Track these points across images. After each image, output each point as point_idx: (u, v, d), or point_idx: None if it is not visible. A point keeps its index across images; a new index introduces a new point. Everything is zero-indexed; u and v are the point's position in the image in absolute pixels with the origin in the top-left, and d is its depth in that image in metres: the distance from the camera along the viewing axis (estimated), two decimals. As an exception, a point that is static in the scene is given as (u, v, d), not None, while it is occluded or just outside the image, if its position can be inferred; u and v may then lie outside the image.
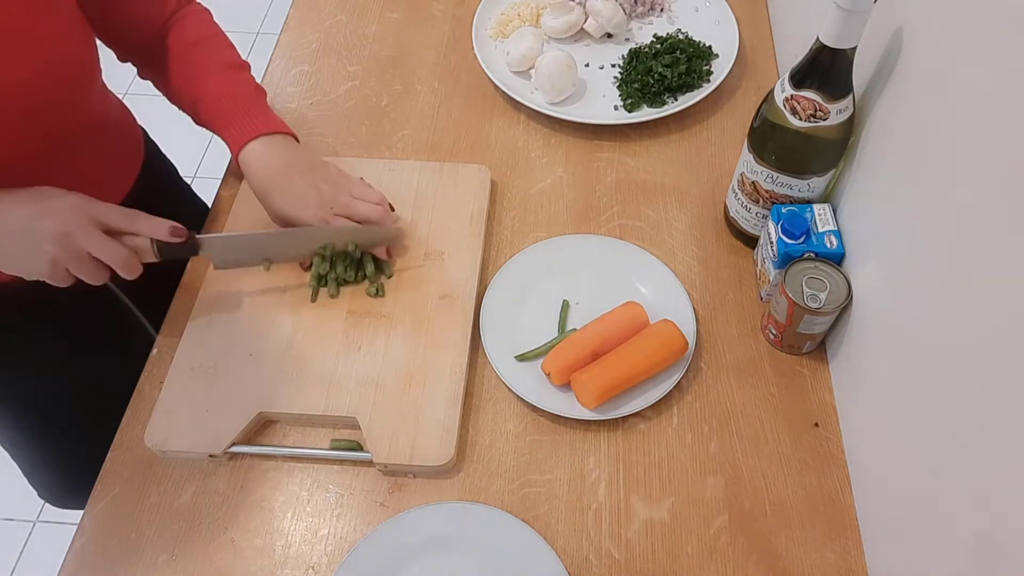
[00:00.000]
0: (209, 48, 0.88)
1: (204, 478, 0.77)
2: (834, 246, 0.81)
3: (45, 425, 0.98)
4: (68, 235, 0.69)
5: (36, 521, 1.68)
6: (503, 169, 1.01)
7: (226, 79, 0.87)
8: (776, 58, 1.13)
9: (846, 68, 0.74)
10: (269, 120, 0.85)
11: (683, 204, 0.97)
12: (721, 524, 0.75)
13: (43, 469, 1.06)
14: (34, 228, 0.68)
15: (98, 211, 0.71)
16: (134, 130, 0.95)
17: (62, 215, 0.69)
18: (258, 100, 0.87)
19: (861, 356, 0.77)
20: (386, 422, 0.78)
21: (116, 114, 0.91)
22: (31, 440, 1.01)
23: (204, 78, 0.86)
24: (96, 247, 0.70)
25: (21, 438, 1.01)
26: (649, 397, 0.80)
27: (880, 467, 0.72)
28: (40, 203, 0.69)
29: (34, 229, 0.68)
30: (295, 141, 0.87)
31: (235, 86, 0.86)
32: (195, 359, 0.82)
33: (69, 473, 1.04)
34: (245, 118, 0.84)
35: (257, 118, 0.85)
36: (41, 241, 0.68)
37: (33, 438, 1.00)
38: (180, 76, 0.87)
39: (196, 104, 0.86)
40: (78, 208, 0.70)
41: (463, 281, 0.88)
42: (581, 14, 1.12)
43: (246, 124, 0.84)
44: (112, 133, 0.90)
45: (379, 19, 1.20)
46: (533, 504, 0.76)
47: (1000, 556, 0.53)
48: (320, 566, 0.72)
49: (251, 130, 0.83)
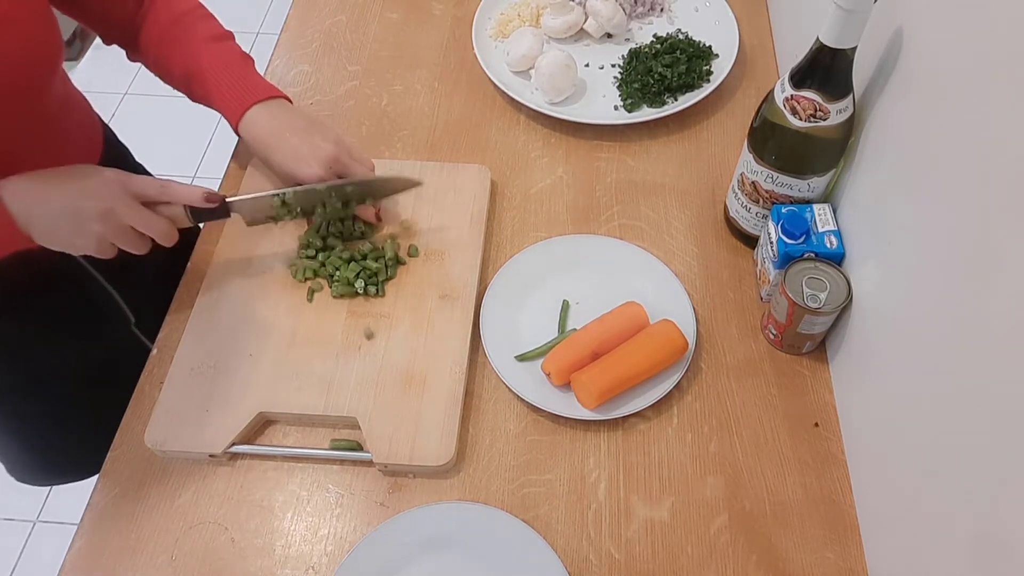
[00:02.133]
0: (191, 23, 0.89)
1: (204, 478, 0.77)
2: (834, 246, 0.81)
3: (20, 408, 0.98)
4: (111, 212, 0.72)
5: (36, 521, 1.68)
6: (503, 169, 1.01)
7: (213, 52, 0.88)
8: (776, 58, 1.13)
9: (846, 68, 0.74)
10: (261, 87, 0.87)
11: (683, 204, 0.97)
12: (721, 524, 0.75)
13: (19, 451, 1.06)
14: (79, 208, 0.71)
15: (135, 185, 0.74)
16: (92, 117, 0.96)
17: (103, 193, 0.72)
18: (247, 68, 0.89)
19: (861, 356, 0.77)
20: (386, 422, 0.78)
21: (76, 100, 0.92)
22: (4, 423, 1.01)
23: (192, 55, 0.87)
24: (138, 220, 0.74)
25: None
26: (649, 397, 0.80)
27: (880, 467, 0.72)
28: (80, 182, 0.72)
29: (79, 209, 0.71)
30: (289, 103, 0.89)
31: (223, 58, 0.88)
32: (195, 359, 0.82)
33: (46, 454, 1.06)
34: (238, 89, 0.86)
35: (250, 87, 0.86)
36: (86, 221, 0.71)
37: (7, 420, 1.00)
38: (167, 55, 0.88)
39: (188, 81, 0.88)
40: (117, 185, 0.73)
41: (463, 281, 0.88)
42: (581, 14, 1.12)
43: (240, 95, 0.85)
44: (74, 118, 0.90)
45: (379, 19, 1.20)
46: (533, 504, 0.76)
47: (1000, 556, 0.53)
48: (320, 566, 0.72)
49: (246, 99, 0.85)
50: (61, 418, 1.00)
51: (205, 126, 2.09)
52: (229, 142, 1.00)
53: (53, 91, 0.82)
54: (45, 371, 0.94)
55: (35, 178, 0.72)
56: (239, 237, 0.91)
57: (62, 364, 0.95)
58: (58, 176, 0.73)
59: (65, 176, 0.73)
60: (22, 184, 0.71)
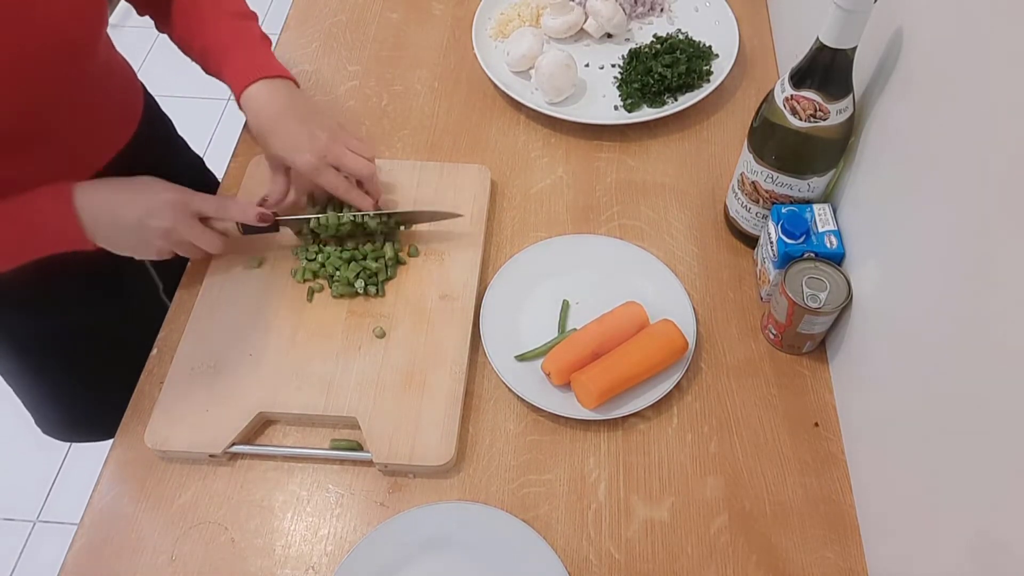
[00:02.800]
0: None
1: (204, 478, 0.77)
2: (834, 246, 0.81)
3: (46, 361, 1.02)
4: (173, 230, 0.79)
5: (36, 521, 1.68)
6: (503, 169, 1.01)
7: (233, 27, 0.89)
8: (776, 58, 1.13)
9: (846, 68, 0.74)
10: (271, 64, 0.88)
11: (683, 204, 0.97)
12: (721, 524, 0.75)
13: (45, 404, 1.11)
14: (145, 226, 0.78)
15: (195, 204, 0.81)
16: (134, 83, 0.98)
17: (167, 213, 0.79)
18: (262, 47, 0.90)
19: (861, 356, 0.77)
20: (386, 422, 0.78)
21: (119, 65, 0.94)
22: (32, 377, 1.05)
23: (211, 26, 0.89)
24: (196, 238, 0.82)
25: (23, 374, 1.05)
26: (649, 397, 0.80)
27: (880, 467, 0.72)
28: (148, 200, 0.79)
29: (145, 227, 0.78)
30: (296, 86, 0.89)
31: (241, 35, 0.89)
32: (195, 359, 0.82)
33: (68, 409, 1.10)
34: (248, 61, 0.87)
35: (259, 63, 0.87)
36: (151, 237, 0.79)
37: (34, 375, 1.04)
38: (188, 25, 0.90)
39: (204, 52, 0.89)
40: (180, 204, 0.80)
41: (463, 281, 0.88)
42: (581, 14, 1.12)
43: (249, 67, 0.87)
44: (116, 83, 0.92)
45: (379, 19, 1.20)
46: (533, 504, 0.76)
47: (999, 556, 0.53)
48: (320, 566, 0.72)
49: (253, 72, 0.86)
50: (82, 374, 1.03)
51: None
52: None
53: (97, 54, 0.84)
54: (70, 326, 0.97)
55: (107, 191, 0.78)
56: (239, 237, 0.91)
57: (86, 320, 0.97)
58: (127, 191, 0.79)
59: (133, 192, 0.79)
60: (95, 195, 0.77)
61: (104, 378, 0.94)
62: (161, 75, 0.96)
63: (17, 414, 1.11)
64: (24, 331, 0.97)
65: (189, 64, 0.91)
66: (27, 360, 1.02)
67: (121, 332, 0.95)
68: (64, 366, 1.02)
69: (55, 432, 1.15)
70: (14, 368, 1.04)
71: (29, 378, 1.05)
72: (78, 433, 1.17)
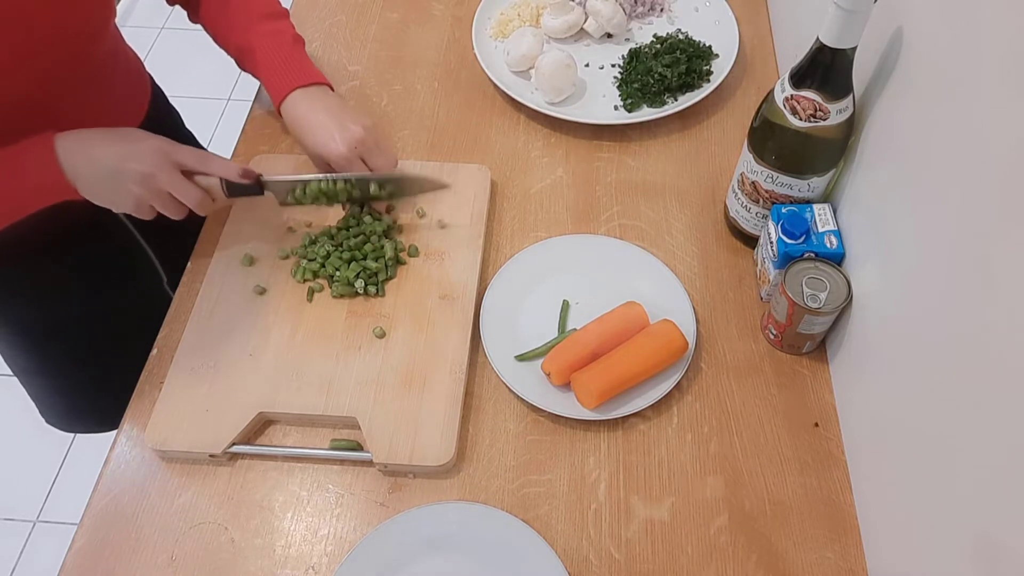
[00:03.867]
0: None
1: (204, 478, 0.77)
2: (834, 246, 0.81)
3: (51, 350, 1.02)
4: (151, 176, 0.76)
5: (36, 521, 1.68)
6: (503, 169, 1.01)
7: (266, 31, 0.91)
8: (776, 58, 1.13)
9: (846, 68, 0.74)
10: (306, 71, 0.90)
11: (683, 204, 0.97)
12: (721, 524, 0.75)
13: (49, 393, 1.11)
14: (122, 169, 0.75)
15: (177, 154, 0.78)
16: (142, 74, 0.99)
17: (146, 158, 0.76)
18: (296, 51, 0.92)
19: (861, 356, 0.77)
20: (386, 422, 0.78)
21: (126, 56, 0.95)
22: (37, 365, 1.06)
23: (246, 30, 0.91)
24: (176, 188, 0.78)
25: (27, 363, 1.06)
26: (649, 397, 0.80)
27: (880, 467, 0.72)
28: (127, 145, 0.76)
29: (122, 170, 0.75)
30: (331, 90, 0.92)
31: (275, 39, 0.91)
32: (195, 359, 0.82)
33: (72, 398, 1.11)
34: (284, 71, 0.89)
35: (295, 70, 0.90)
36: (127, 181, 0.76)
37: (38, 363, 1.05)
38: (223, 25, 0.92)
39: (240, 54, 0.92)
40: (160, 152, 0.77)
41: (463, 281, 0.88)
42: (581, 14, 1.12)
43: (285, 77, 0.89)
44: (122, 73, 0.93)
45: (379, 19, 1.20)
46: (533, 504, 0.76)
47: (1000, 556, 0.53)
48: (320, 566, 0.72)
49: (290, 83, 0.89)
50: (84, 363, 1.04)
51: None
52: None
53: (104, 42, 0.85)
54: (73, 313, 0.97)
55: (87, 137, 0.76)
56: (240, 236, 0.91)
57: (90, 309, 0.98)
58: (108, 137, 0.77)
59: (114, 138, 0.77)
60: (74, 141, 0.75)
61: (108, 368, 0.95)
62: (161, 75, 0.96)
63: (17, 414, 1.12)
64: (31, 319, 0.98)
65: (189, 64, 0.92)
66: (33, 348, 1.02)
67: (125, 323, 0.96)
68: (69, 355, 1.03)
69: (59, 422, 1.16)
70: (20, 356, 1.04)
71: (34, 366, 1.06)
72: (82, 423, 1.17)
